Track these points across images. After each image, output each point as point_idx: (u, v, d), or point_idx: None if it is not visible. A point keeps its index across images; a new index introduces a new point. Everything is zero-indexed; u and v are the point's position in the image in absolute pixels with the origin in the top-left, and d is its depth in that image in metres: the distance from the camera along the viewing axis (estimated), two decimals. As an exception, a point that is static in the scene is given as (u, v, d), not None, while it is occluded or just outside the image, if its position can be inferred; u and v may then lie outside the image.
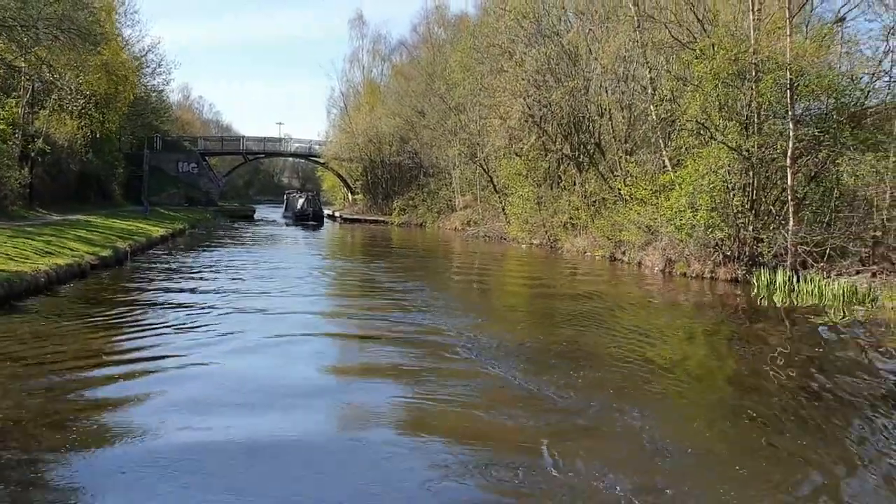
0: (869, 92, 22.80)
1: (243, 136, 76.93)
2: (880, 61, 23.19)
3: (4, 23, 28.18)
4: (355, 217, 66.69)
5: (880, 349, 13.77)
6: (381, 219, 63.90)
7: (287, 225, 58.33)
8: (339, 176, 77.11)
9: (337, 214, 70.79)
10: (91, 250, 22.57)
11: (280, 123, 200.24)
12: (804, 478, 7.24)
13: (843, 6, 24.60)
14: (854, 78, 22.79)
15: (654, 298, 21.26)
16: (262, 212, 78.05)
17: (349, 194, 77.33)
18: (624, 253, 30.01)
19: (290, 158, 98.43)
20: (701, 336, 15.67)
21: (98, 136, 44.07)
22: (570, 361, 11.95)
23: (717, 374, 12.18)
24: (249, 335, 13.15)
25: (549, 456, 7.49)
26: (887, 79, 22.89)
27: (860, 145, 21.24)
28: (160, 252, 29.52)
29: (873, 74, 22.87)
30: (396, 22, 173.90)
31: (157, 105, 64.65)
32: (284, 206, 76.74)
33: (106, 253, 22.92)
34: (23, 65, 34.94)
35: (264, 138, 75.64)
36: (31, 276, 16.72)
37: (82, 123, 42.38)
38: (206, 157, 73.72)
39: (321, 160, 75.70)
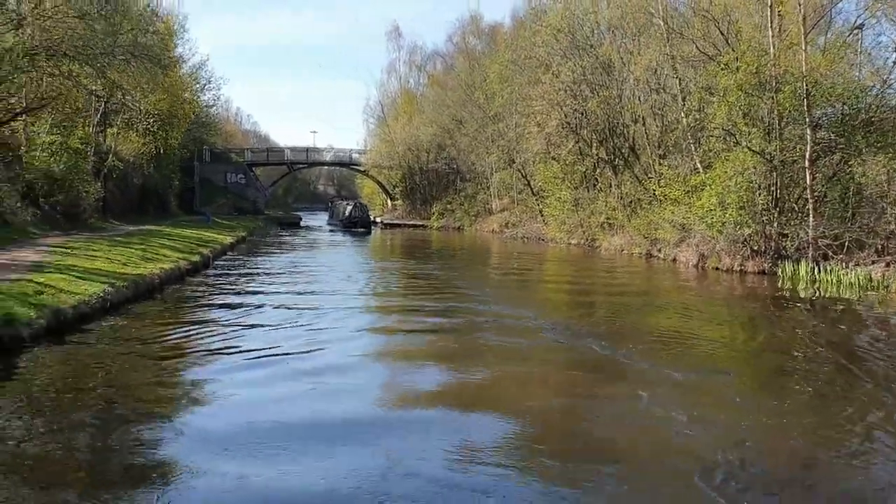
0: (881, 99, 24.91)
1: (287, 147, 80.00)
2: (890, 71, 25.40)
3: (87, 51, 31.03)
4: (395, 222, 69.17)
5: (882, 322, 16.12)
6: (421, 223, 66.54)
7: (333, 232, 59.74)
8: (379, 183, 79.91)
9: (378, 220, 73.37)
10: (182, 256, 25.39)
11: (314, 132, 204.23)
12: (838, 413, 9.67)
13: (856, 21, 26.82)
14: (864, 88, 24.92)
15: (691, 289, 23.70)
16: (303, 219, 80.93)
17: (388, 200, 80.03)
18: (659, 250, 32.32)
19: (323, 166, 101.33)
20: (735, 318, 18.13)
21: (161, 151, 47.19)
22: (636, 337, 14.59)
23: (753, 346, 14.79)
24: (351, 324, 15.81)
25: (647, 399, 10.03)
26: (896, 87, 25.00)
27: (872, 148, 23.47)
28: (234, 256, 32.37)
29: (884, 82, 25.04)
30: (429, 28, 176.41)
31: (206, 119, 67.77)
32: (330, 213, 77.84)
33: (195, 259, 25.76)
34: (96, 87, 37.97)
35: (307, 148, 78.72)
36: (149, 278, 19.55)
37: (146, 140, 45.54)
38: (252, 168, 76.82)
39: (361, 168, 78.54)
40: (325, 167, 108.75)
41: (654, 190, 33.43)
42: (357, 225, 60.77)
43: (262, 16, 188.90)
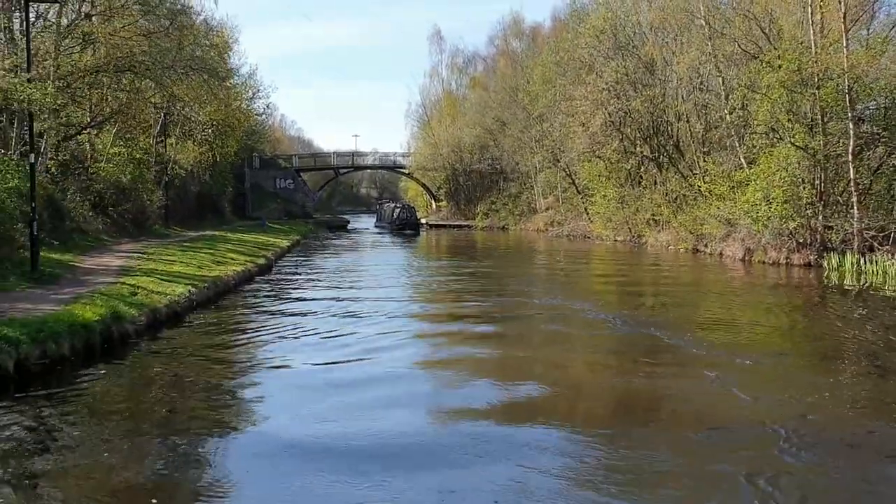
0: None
1: (333, 152, 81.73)
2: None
3: (150, 66, 32.52)
4: (441, 223, 70.28)
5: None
6: (465, 223, 67.66)
7: (381, 234, 60.50)
8: (423, 185, 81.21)
9: (423, 221, 74.55)
10: (248, 259, 26.84)
11: (356, 136, 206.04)
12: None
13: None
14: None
15: (739, 281, 24.49)
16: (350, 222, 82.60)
17: (432, 201, 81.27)
18: (706, 245, 32.98)
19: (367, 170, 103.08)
20: (785, 307, 18.91)
21: (217, 159, 48.99)
22: (693, 325, 15.62)
23: (805, 332, 15.88)
24: (429, 312, 16.99)
25: (708, 373, 11.06)
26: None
27: (916, 140, 24.01)
28: (294, 259, 33.80)
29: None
30: (470, 30, 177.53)
31: (256, 127, 69.66)
32: (377, 216, 78.19)
33: (261, 262, 27.21)
34: (157, 100, 39.70)
35: (352, 153, 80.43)
36: (225, 280, 20.97)
37: (203, 149, 47.34)
38: (300, 173, 78.67)
39: (405, 171, 79.95)
40: (368, 170, 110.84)
41: (699, 186, 34.11)
42: (406, 227, 60.81)
43: (297, 23, 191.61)
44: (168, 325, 15.20)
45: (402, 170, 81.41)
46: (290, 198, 75.77)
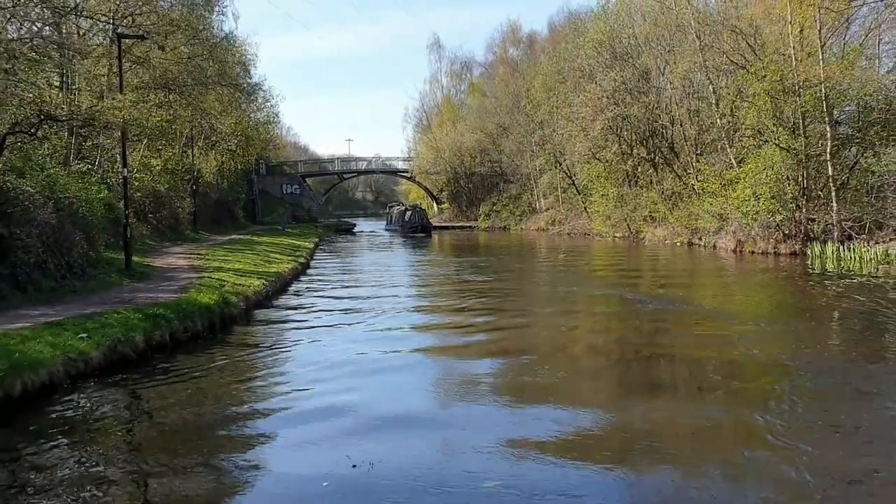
0: (889, 100, 28.49)
1: (337, 158, 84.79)
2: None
3: (193, 83, 35.23)
4: (444, 224, 72.87)
5: None
6: (468, 224, 70.53)
7: (393, 237, 61.70)
8: (425, 188, 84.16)
9: (429, 223, 77.04)
10: (291, 259, 29.71)
11: (349, 140, 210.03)
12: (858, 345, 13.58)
13: (871, 28, 30.41)
14: (876, 88, 28.52)
15: (731, 268, 27.53)
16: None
17: (434, 204, 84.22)
18: (700, 238, 36.06)
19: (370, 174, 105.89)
20: (772, 287, 22.03)
21: (238, 167, 51.86)
22: (697, 301, 18.56)
23: (794, 304, 18.76)
24: (456, 296, 19.95)
25: (707, 332, 14.04)
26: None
27: (885, 141, 27.14)
28: (322, 257, 36.70)
29: (894, 83, 28.66)
30: (468, 36, 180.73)
31: (264, 136, 72.52)
32: (387, 219, 79.11)
33: (301, 260, 30.12)
34: (186, 114, 42.50)
35: (356, 158, 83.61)
36: (284, 275, 23.90)
37: (225, 158, 50.26)
38: (305, 179, 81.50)
39: (407, 174, 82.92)
40: (363, 175, 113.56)
41: (693, 184, 37.21)
42: (417, 230, 61.94)
43: (291, 32, 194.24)
44: (256, 309, 18.14)
45: (404, 174, 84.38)
46: (296, 203, 78.54)
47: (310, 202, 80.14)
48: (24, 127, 16.12)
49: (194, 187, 45.30)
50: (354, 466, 7.39)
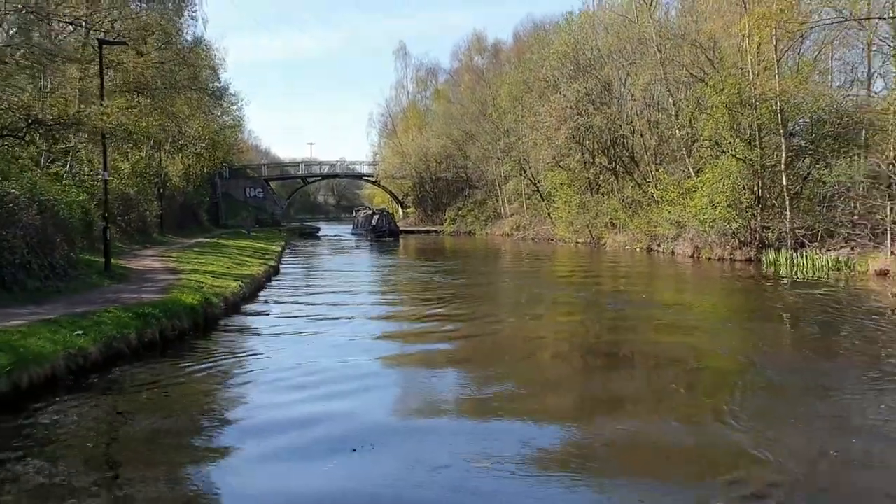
0: (840, 115, 29.92)
1: (301, 162, 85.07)
2: (850, 84, 30.52)
3: (163, 87, 35.44)
4: (410, 229, 73.25)
5: (849, 294, 21.08)
6: (434, 229, 71.20)
7: (360, 241, 61.53)
8: (390, 192, 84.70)
9: (396, 227, 77.23)
10: (262, 262, 30.12)
11: (311, 144, 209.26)
12: (802, 339, 14.59)
13: (824, 43, 31.87)
14: (828, 103, 29.95)
15: (688, 273, 28.66)
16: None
17: (400, 208, 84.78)
18: (659, 245, 37.26)
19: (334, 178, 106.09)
20: (728, 290, 23.11)
21: (205, 170, 51.97)
22: (654, 300, 19.50)
23: (747, 305, 19.85)
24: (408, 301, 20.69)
25: (663, 328, 14.93)
26: (855, 100, 30.05)
27: (835, 153, 28.53)
28: (290, 261, 37.16)
29: (845, 97, 30.12)
30: (434, 44, 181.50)
31: (231, 139, 72.48)
32: (354, 223, 78.75)
33: (272, 263, 30.59)
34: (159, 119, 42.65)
35: (320, 162, 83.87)
36: (258, 277, 24.42)
37: (191, 162, 50.37)
38: (268, 182, 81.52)
39: (372, 179, 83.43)
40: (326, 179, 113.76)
41: (653, 193, 38.43)
42: (385, 234, 61.54)
43: (251, 34, 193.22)
44: (234, 310, 18.67)
45: (369, 178, 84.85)
46: (260, 206, 78.40)
47: (273, 206, 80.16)
48: (13, 131, 16.47)
49: (161, 190, 45.41)
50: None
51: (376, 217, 65.72)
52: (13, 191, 17.56)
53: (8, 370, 9.95)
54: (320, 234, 77.04)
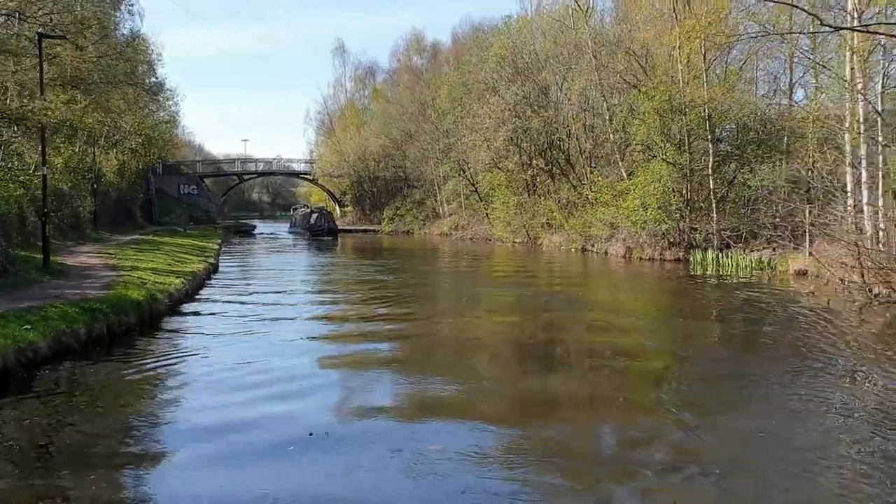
0: (764, 122, 31.44)
1: (237, 159, 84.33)
2: (774, 93, 32.08)
3: (99, 81, 34.92)
4: (348, 228, 73.16)
5: (770, 292, 22.29)
6: (372, 228, 71.49)
7: (297, 239, 61.19)
8: (328, 190, 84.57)
9: (333, 227, 77.16)
10: (201, 259, 30.06)
11: (245, 140, 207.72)
12: (728, 334, 15.51)
13: (749, 54, 33.36)
14: (753, 110, 31.43)
15: (621, 272, 29.72)
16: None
17: (337, 207, 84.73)
18: (593, 245, 38.38)
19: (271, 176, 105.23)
20: (659, 291, 24.10)
21: (138, 166, 51.23)
22: (585, 298, 20.30)
23: (673, 303, 20.74)
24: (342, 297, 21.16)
25: (594, 321, 15.69)
26: (777, 108, 31.61)
27: (759, 158, 29.97)
28: (228, 259, 37.06)
29: (769, 106, 31.64)
30: (372, 42, 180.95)
31: (166, 135, 71.38)
32: (291, 221, 77.92)
33: (211, 261, 30.55)
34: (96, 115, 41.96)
35: (256, 159, 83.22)
36: (199, 274, 24.48)
37: (126, 157, 49.61)
38: (203, 179, 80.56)
39: (310, 177, 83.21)
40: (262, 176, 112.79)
41: (588, 194, 39.55)
42: (324, 233, 61.24)
43: (183, 27, 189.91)
44: (178, 306, 18.80)
45: (306, 176, 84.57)
46: (194, 203, 77.45)
47: (208, 203, 79.26)
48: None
49: (95, 186, 44.66)
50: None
51: (315, 216, 65.36)
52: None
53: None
54: (256, 231, 76.62)
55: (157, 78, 48.27)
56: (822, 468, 7.47)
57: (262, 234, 73.87)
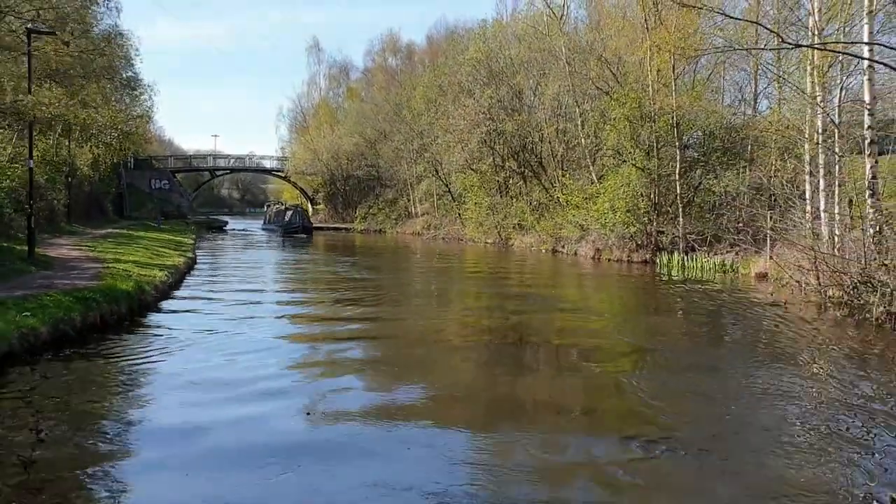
0: (728, 130, 32.64)
1: (210, 155, 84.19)
2: (739, 103, 33.32)
3: (76, 75, 35.20)
4: (320, 226, 73.45)
5: (733, 293, 23.35)
6: (344, 226, 71.96)
7: (271, 236, 61.20)
8: (300, 188, 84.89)
9: (303, 225, 77.54)
10: (179, 254, 30.52)
11: (215, 136, 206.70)
12: (691, 330, 16.44)
13: (716, 64, 34.56)
14: (718, 120, 32.62)
15: (589, 273, 30.67)
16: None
17: (309, 204, 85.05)
18: (563, 246, 39.36)
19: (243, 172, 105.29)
20: (628, 291, 25.04)
21: (113, 161, 51.27)
22: (554, 295, 21.16)
23: (638, 301, 21.62)
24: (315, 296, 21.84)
25: (566, 316, 16.54)
26: (742, 117, 32.84)
27: (724, 165, 31.13)
28: (203, 254, 37.46)
29: (734, 115, 32.85)
30: (346, 40, 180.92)
31: (141, 130, 71.16)
32: (265, 218, 78.30)
33: (189, 255, 31.01)
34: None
35: (229, 156, 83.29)
36: (181, 267, 25.02)
37: (100, 151, 49.65)
38: (175, 175, 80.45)
39: (282, 174, 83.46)
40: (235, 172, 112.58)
41: (559, 197, 40.54)
42: (299, 230, 61.60)
43: (157, 21, 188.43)
44: (163, 297, 19.34)
45: (279, 173, 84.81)
46: (166, 198, 77.37)
47: (179, 198, 79.18)
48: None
49: (70, 179, 44.75)
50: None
51: (290, 213, 65.86)
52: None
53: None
54: (228, 228, 76.83)
55: (133, 73, 48.32)
56: (782, 444, 8.37)
57: (234, 230, 74.14)
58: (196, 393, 10.36)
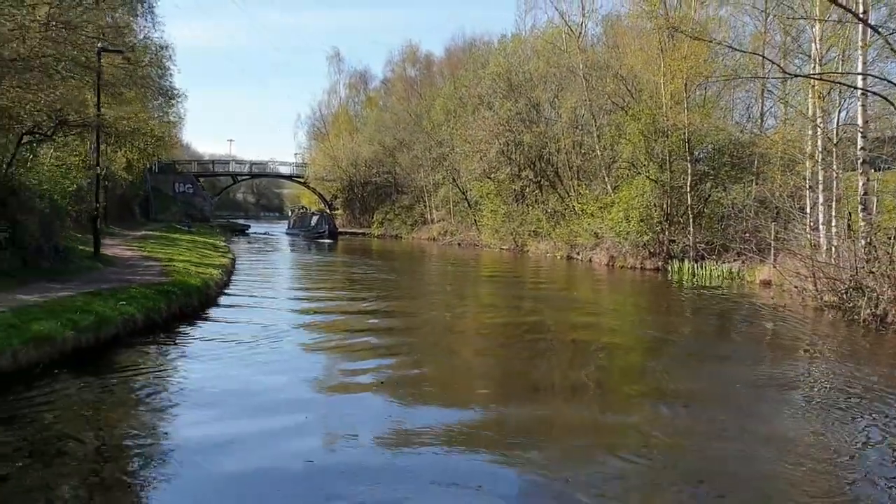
0: (736, 146, 34.54)
1: (232, 160, 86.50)
2: (746, 120, 35.25)
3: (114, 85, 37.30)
4: (339, 230, 75.70)
5: (739, 298, 25.27)
6: (361, 231, 74.05)
7: (296, 240, 63.04)
8: (319, 193, 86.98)
9: (320, 228, 79.61)
10: (220, 255, 32.57)
11: (231, 140, 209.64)
12: (701, 328, 18.37)
13: (725, 84, 36.44)
14: (727, 136, 34.55)
15: (604, 278, 32.60)
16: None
17: (327, 210, 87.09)
18: (578, 253, 41.26)
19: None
20: (641, 295, 26.97)
21: (145, 165, 53.42)
22: (572, 298, 23.10)
23: (656, 308, 23.51)
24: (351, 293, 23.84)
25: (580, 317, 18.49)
26: (749, 134, 34.73)
27: (732, 178, 33.06)
28: (241, 257, 39.50)
29: (741, 132, 34.78)
30: (366, 49, 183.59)
31: (174, 137, 73.28)
32: (290, 223, 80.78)
33: (231, 256, 33.08)
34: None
35: (251, 161, 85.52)
36: (229, 266, 27.05)
37: (134, 156, 51.81)
38: (199, 179, 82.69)
39: (301, 180, 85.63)
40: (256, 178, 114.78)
41: (574, 206, 42.51)
42: (324, 235, 63.91)
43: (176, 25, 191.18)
44: (221, 293, 21.37)
45: (298, 179, 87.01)
46: (189, 202, 79.58)
47: (203, 202, 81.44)
48: (44, 129, 18.79)
49: (107, 183, 46.93)
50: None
51: (315, 217, 68.34)
52: (29, 182, 19.88)
53: (95, 327, 12.70)
54: (250, 231, 78.98)
55: (170, 82, 50.54)
56: (784, 410, 10.44)
57: (255, 233, 76.18)
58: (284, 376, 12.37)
